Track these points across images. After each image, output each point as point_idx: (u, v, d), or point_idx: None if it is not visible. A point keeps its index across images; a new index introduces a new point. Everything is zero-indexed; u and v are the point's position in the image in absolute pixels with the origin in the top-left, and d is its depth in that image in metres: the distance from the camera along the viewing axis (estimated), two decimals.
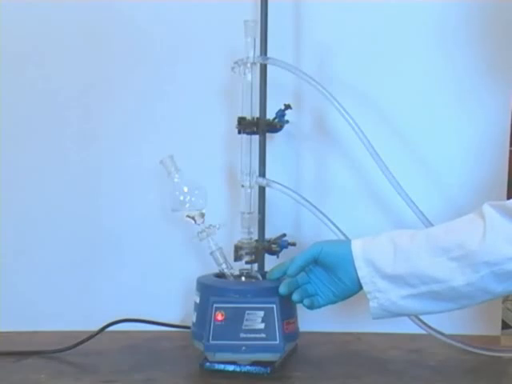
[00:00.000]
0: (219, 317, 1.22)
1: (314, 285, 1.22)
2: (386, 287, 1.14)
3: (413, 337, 1.39)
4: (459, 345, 1.30)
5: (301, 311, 1.32)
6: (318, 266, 1.21)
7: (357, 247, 1.16)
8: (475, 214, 1.11)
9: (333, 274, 1.19)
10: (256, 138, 1.35)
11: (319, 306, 1.22)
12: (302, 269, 1.21)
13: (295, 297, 1.22)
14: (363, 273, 1.15)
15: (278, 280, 1.27)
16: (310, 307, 1.22)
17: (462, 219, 1.13)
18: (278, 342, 1.22)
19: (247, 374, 1.24)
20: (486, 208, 1.10)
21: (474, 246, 1.08)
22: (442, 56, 1.46)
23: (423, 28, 1.46)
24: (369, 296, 1.16)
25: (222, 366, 1.24)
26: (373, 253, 1.14)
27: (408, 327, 1.32)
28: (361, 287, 1.16)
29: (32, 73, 1.47)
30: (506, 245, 1.06)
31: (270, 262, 1.38)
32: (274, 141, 1.43)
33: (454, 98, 1.47)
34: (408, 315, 1.22)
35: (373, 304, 1.16)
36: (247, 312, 1.22)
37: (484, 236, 1.07)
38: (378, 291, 1.15)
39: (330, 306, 1.40)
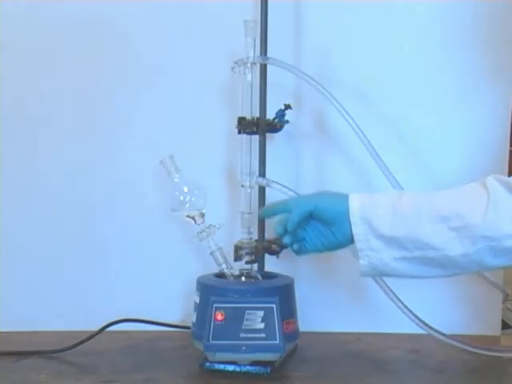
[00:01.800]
0: (219, 317, 1.22)
1: (304, 231, 1.19)
2: (379, 247, 1.12)
3: (413, 337, 1.39)
4: (459, 345, 1.30)
5: (301, 311, 1.32)
6: (313, 219, 1.18)
7: (354, 203, 1.14)
8: (480, 185, 1.10)
9: (327, 227, 1.17)
10: (256, 138, 1.35)
11: (306, 253, 1.21)
12: (300, 223, 1.18)
13: (287, 239, 1.19)
14: (358, 230, 1.13)
15: (276, 278, 1.27)
16: (297, 252, 1.21)
17: (467, 188, 1.11)
18: (277, 341, 1.22)
19: (247, 373, 1.24)
20: (491, 181, 1.08)
21: (475, 218, 1.07)
22: (442, 57, 1.46)
23: (423, 28, 1.46)
24: (360, 254, 1.13)
25: (222, 366, 1.24)
26: (370, 211, 1.13)
27: (408, 327, 1.32)
28: (352, 243, 1.15)
29: (32, 73, 1.47)
30: (506, 221, 1.05)
31: (270, 262, 1.39)
32: (274, 141, 1.43)
33: (454, 98, 1.47)
34: (396, 277, 1.18)
35: (363, 262, 1.14)
36: (247, 312, 1.22)
37: (486, 210, 1.06)
38: (371, 250, 1.13)
39: (330, 306, 1.41)
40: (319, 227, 1.18)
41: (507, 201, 1.06)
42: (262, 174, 1.38)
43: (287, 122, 1.38)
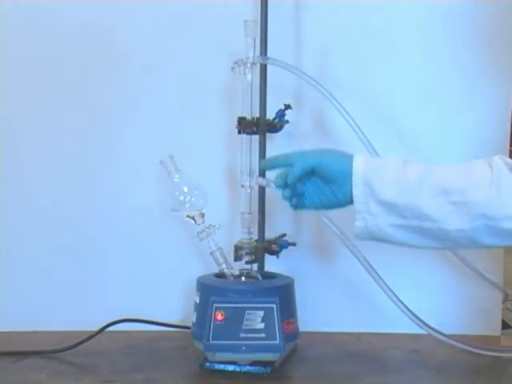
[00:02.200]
0: (219, 317, 1.23)
1: (304, 187, 1.19)
2: (377, 211, 1.12)
3: (413, 337, 1.39)
4: (459, 345, 1.30)
5: (301, 311, 1.32)
6: (314, 175, 1.17)
7: (358, 165, 1.13)
8: (485, 163, 1.10)
9: (327, 185, 1.16)
10: (256, 137, 1.35)
11: (303, 208, 1.20)
12: (301, 178, 1.18)
13: (286, 193, 1.18)
14: (358, 192, 1.12)
15: (276, 278, 1.28)
16: (295, 207, 1.20)
17: (472, 165, 1.11)
18: (277, 341, 1.22)
19: (247, 373, 1.24)
20: (497, 161, 1.09)
21: (477, 196, 1.07)
22: (442, 57, 1.46)
23: (423, 28, 1.46)
24: (357, 215, 1.13)
25: (222, 366, 1.24)
26: (373, 175, 1.12)
27: (408, 327, 1.32)
28: (350, 204, 1.14)
29: (32, 73, 1.47)
30: (507, 203, 1.06)
31: (270, 262, 1.39)
32: (273, 141, 1.43)
33: (454, 98, 1.47)
34: (389, 243, 1.17)
35: (359, 224, 1.13)
36: (247, 312, 1.22)
37: (489, 189, 1.06)
38: (369, 213, 1.12)
39: (330, 306, 1.41)
40: (319, 184, 1.17)
41: (510, 183, 1.06)
42: (262, 174, 1.38)
43: (287, 121, 1.38)
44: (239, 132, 1.33)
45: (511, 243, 1.10)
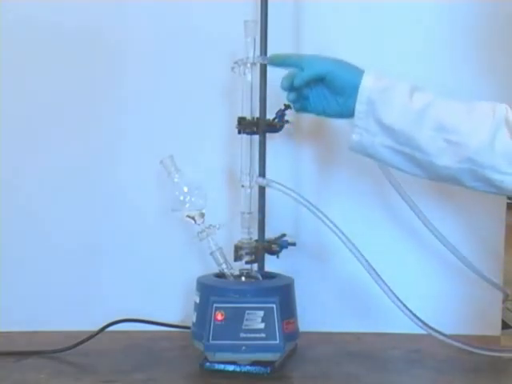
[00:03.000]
0: (219, 317, 1.23)
1: (309, 91, 1.20)
2: (374, 130, 1.14)
3: (413, 337, 1.39)
4: (459, 345, 1.30)
5: (301, 311, 1.32)
6: (321, 82, 1.19)
7: (367, 82, 1.15)
8: (490, 109, 1.13)
9: (333, 94, 1.18)
10: (256, 137, 1.35)
11: (304, 112, 1.23)
12: (308, 83, 1.19)
13: (291, 96, 1.21)
14: (361, 108, 1.15)
15: (276, 278, 1.27)
16: (299, 110, 1.23)
17: (477, 108, 1.14)
18: (277, 341, 1.22)
19: (247, 373, 1.24)
20: (501, 110, 1.12)
21: (470, 140, 1.11)
22: (442, 57, 1.46)
23: (424, 28, 1.46)
24: (355, 129, 1.16)
25: (222, 366, 1.24)
26: (379, 95, 1.14)
27: (408, 327, 1.32)
28: (351, 117, 1.16)
29: (31, 73, 1.47)
30: (497, 155, 1.10)
31: (270, 262, 1.39)
32: (274, 141, 1.43)
33: (453, 97, 1.47)
34: (379, 162, 1.23)
35: (355, 138, 1.16)
36: (247, 312, 1.23)
37: (483, 136, 1.10)
38: (366, 130, 1.15)
39: (330, 306, 1.41)
40: (325, 92, 1.19)
41: (504, 135, 1.10)
42: (262, 174, 1.38)
43: (287, 121, 1.38)
44: (239, 132, 1.33)
45: (490, 190, 1.14)
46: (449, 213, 1.46)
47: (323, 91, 1.19)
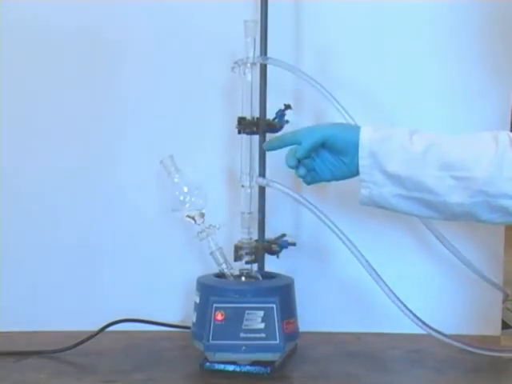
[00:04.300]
0: (219, 317, 1.23)
1: (314, 161, 1.21)
2: (381, 182, 1.15)
3: (413, 337, 1.39)
4: (459, 345, 1.30)
5: (301, 311, 1.32)
6: (323, 148, 1.19)
7: (365, 136, 1.15)
8: (492, 138, 1.11)
9: (337, 157, 1.19)
10: (256, 137, 1.35)
11: (316, 182, 1.24)
12: (310, 151, 1.20)
13: (301, 171, 1.21)
14: (364, 163, 1.15)
15: (276, 278, 1.28)
16: (310, 183, 1.23)
17: (478, 138, 1.13)
18: (277, 341, 1.22)
19: (247, 373, 1.24)
20: (504, 137, 1.11)
21: (478, 172, 1.09)
22: (442, 57, 1.46)
23: (424, 28, 1.46)
24: (362, 184, 1.16)
25: (222, 366, 1.24)
26: (379, 146, 1.14)
27: (408, 327, 1.32)
28: (358, 174, 1.17)
29: (31, 73, 1.47)
30: (506, 181, 1.08)
31: (270, 262, 1.39)
32: None
33: (454, 98, 1.47)
34: (392, 211, 1.21)
35: (364, 192, 1.17)
36: (247, 312, 1.23)
37: (491, 165, 1.09)
38: (373, 183, 1.15)
39: (330, 306, 1.41)
40: (329, 157, 1.20)
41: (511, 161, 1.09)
42: (262, 174, 1.38)
43: (287, 121, 1.38)
44: (239, 132, 1.33)
45: (508, 220, 1.13)
46: None
47: (327, 157, 1.20)
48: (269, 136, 1.38)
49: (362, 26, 1.46)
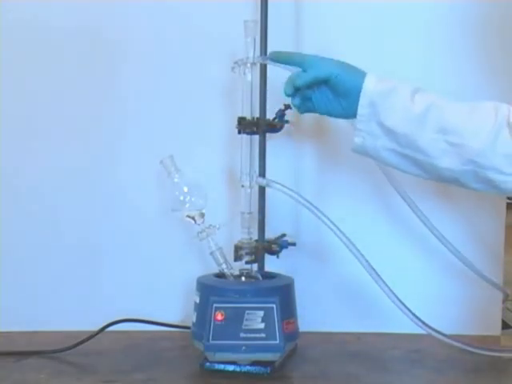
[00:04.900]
0: (219, 317, 1.23)
1: (312, 92, 1.20)
2: (377, 133, 1.15)
3: (413, 337, 1.39)
4: (459, 345, 1.30)
5: (301, 311, 1.32)
6: (324, 84, 1.19)
7: (369, 85, 1.15)
8: (493, 109, 1.12)
9: (336, 97, 1.18)
10: (256, 137, 1.35)
11: (310, 112, 1.23)
12: (311, 84, 1.19)
13: (296, 101, 1.21)
14: (363, 112, 1.15)
15: (276, 278, 1.28)
16: (303, 112, 1.23)
17: (479, 108, 1.14)
18: (278, 341, 1.22)
19: (247, 373, 1.24)
20: (504, 110, 1.12)
21: (473, 142, 1.11)
22: (442, 57, 1.46)
23: (424, 28, 1.46)
24: (357, 132, 1.16)
25: (222, 366, 1.24)
26: (381, 99, 1.14)
27: (408, 327, 1.32)
28: (353, 118, 1.17)
29: (31, 73, 1.47)
30: (499, 156, 1.10)
31: (270, 262, 1.39)
32: (273, 141, 1.43)
33: (454, 98, 1.47)
34: (381, 162, 1.23)
35: (358, 140, 1.17)
36: (247, 312, 1.23)
37: (486, 137, 1.10)
38: (368, 133, 1.15)
39: (330, 306, 1.41)
40: (328, 94, 1.19)
41: (507, 138, 1.10)
42: (262, 174, 1.38)
43: (287, 122, 1.38)
44: (239, 132, 1.33)
45: (493, 191, 1.14)
46: (449, 212, 1.46)
47: (326, 93, 1.19)
48: (269, 136, 1.38)
49: (362, 26, 1.46)
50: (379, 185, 1.42)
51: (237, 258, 1.32)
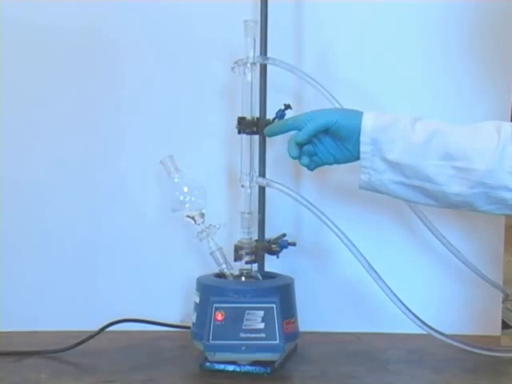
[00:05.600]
0: (219, 317, 1.23)
1: (315, 146, 1.22)
2: (382, 169, 1.15)
3: (413, 337, 1.39)
4: (459, 345, 1.30)
5: (301, 311, 1.32)
6: (325, 134, 1.20)
7: (367, 122, 1.16)
8: (494, 128, 1.12)
9: (340, 143, 1.19)
10: (256, 138, 1.35)
11: (317, 166, 1.25)
12: (312, 137, 1.20)
13: (304, 161, 1.22)
14: (365, 149, 1.15)
15: (276, 278, 1.28)
16: (313, 168, 1.25)
17: (481, 129, 1.13)
18: (278, 341, 1.22)
19: (247, 373, 1.24)
20: (506, 129, 1.11)
21: (479, 163, 1.10)
22: (442, 57, 1.46)
23: (424, 28, 1.46)
24: (363, 169, 1.17)
25: (221, 366, 1.24)
26: (381, 133, 1.15)
27: (408, 327, 1.32)
28: (359, 159, 1.18)
29: (32, 73, 1.47)
30: (507, 174, 1.09)
31: (270, 262, 1.39)
32: (274, 141, 1.43)
33: (454, 98, 1.47)
34: (391, 196, 1.22)
35: (364, 177, 1.17)
36: (247, 312, 1.22)
37: (491, 157, 1.09)
38: (373, 170, 1.16)
39: (330, 306, 1.41)
40: (331, 143, 1.20)
41: None
42: (262, 174, 1.38)
43: None
44: (239, 132, 1.33)
45: (506, 212, 1.14)
46: (449, 213, 1.46)
47: (329, 143, 1.21)
48: None
49: (362, 26, 1.46)
50: None
51: (237, 257, 1.32)
